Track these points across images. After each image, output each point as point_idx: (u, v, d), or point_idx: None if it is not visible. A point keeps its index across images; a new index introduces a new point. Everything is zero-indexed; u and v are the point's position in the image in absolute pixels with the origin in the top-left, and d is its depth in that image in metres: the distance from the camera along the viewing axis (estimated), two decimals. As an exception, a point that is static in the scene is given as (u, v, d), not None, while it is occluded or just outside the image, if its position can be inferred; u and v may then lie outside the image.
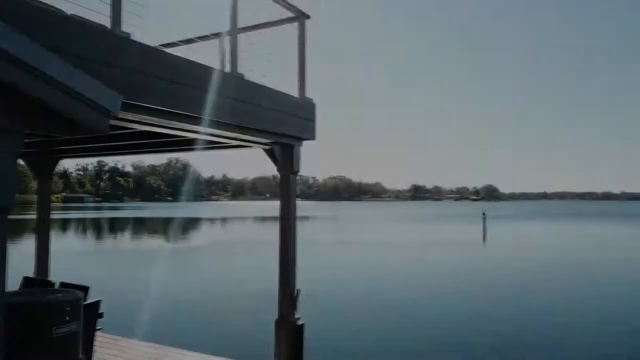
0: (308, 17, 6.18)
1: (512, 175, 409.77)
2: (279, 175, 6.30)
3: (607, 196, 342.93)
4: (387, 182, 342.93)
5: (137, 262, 22.11)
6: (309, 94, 6.30)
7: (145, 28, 4.32)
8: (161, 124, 4.61)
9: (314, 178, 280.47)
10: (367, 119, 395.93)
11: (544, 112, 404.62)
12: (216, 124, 4.82)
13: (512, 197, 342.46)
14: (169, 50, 5.14)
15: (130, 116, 4.11)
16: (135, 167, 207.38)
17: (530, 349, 9.39)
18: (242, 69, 5.31)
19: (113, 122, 4.30)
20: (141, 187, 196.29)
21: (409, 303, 13.44)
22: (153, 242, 32.20)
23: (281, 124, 5.64)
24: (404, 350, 9.23)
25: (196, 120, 4.64)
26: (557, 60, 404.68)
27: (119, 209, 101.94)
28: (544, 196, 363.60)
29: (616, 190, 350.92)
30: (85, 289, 5.25)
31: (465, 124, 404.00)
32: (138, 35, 4.03)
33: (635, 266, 21.64)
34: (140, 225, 53.10)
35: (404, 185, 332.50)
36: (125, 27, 3.88)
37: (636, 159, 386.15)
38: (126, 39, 3.83)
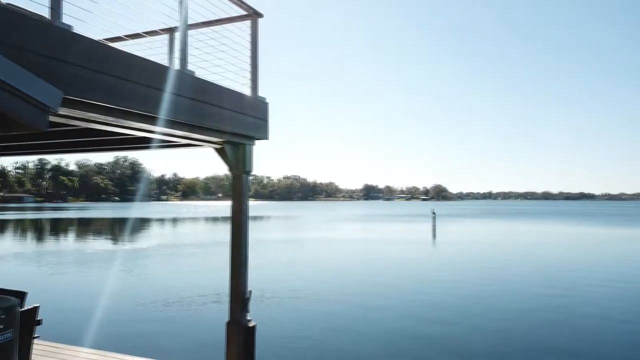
0: (261, 15, 6.13)
1: (459, 175, 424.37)
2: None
3: (546, 196, 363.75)
4: (341, 182, 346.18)
5: (79, 265, 21.15)
6: (262, 93, 6.25)
7: (89, 21, 4.14)
8: (108, 122, 4.43)
9: (268, 178, 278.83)
10: (321, 119, 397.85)
11: (491, 115, 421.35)
12: (165, 123, 4.69)
13: (460, 196, 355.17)
14: (114, 45, 4.95)
15: (74, 113, 3.93)
16: (80, 165, 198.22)
17: (479, 340, 9.75)
18: (192, 66, 5.19)
19: (55, 119, 4.10)
20: (86, 187, 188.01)
21: (360, 302, 13.60)
22: (96, 244, 30.93)
23: (232, 123, 5.56)
24: (355, 350, 9.34)
25: (144, 119, 4.49)
26: (509, 61, 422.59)
27: (61, 209, 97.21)
28: (490, 195, 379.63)
29: (555, 190, 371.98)
30: (21, 295, 4.96)
31: (415, 125, 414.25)
32: (81, 28, 3.86)
33: (569, 261, 22.95)
34: (84, 226, 50.88)
35: (357, 185, 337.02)
36: (67, 20, 3.70)
37: (572, 162, 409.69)
38: (68, 31, 3.65)
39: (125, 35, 5.47)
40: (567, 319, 11.77)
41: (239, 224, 6.21)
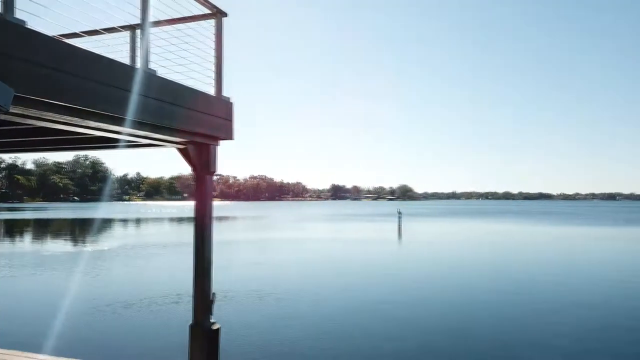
0: (225, 14, 6.07)
1: (425, 176, 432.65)
2: (194, 176, 6.13)
3: (507, 196, 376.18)
4: (308, 182, 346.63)
5: (35, 268, 20.36)
6: (227, 92, 6.19)
7: (44, 16, 4.00)
8: (67, 121, 4.29)
9: (234, 177, 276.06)
10: (289, 119, 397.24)
11: (455, 118, 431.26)
12: (127, 123, 4.58)
13: (425, 196, 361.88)
14: (71, 41, 4.79)
15: (29, 112, 3.79)
16: (37, 164, 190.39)
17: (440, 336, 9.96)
18: (155, 65, 5.09)
19: (7, 117, 3.94)
20: (44, 186, 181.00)
21: (325, 302, 13.66)
22: (54, 246, 29.84)
23: (196, 123, 5.49)
24: (321, 350, 9.37)
25: (104, 118, 4.38)
26: (470, 64, 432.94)
27: (17, 210, 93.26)
28: (453, 195, 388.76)
29: (515, 191, 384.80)
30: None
31: (382, 126, 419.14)
32: (36, 24, 3.72)
33: (523, 258, 23.78)
34: (40, 228, 49.00)
35: (324, 185, 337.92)
36: (20, 15, 3.56)
37: (531, 164, 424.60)
38: (21, 27, 3.51)
39: (83, 32, 5.32)
40: (515, 314, 12.18)
41: (202, 225, 6.14)
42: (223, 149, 6.31)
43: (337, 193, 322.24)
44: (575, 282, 17.15)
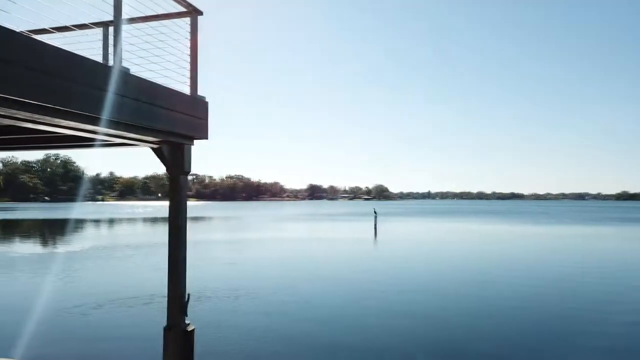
0: (201, 13, 6.02)
1: (400, 176, 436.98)
2: (169, 176, 6.06)
3: (480, 195, 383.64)
4: (286, 182, 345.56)
5: (2, 270, 19.76)
6: (203, 92, 6.14)
7: (11, 11, 3.89)
8: (36, 120, 4.19)
9: (210, 177, 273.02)
10: (266, 119, 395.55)
11: (429, 118, 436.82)
12: (100, 122, 4.50)
13: (400, 196, 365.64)
14: (39, 37, 4.67)
15: (-3, 109, 3.68)
16: (5, 163, 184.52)
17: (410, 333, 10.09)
18: (128, 63, 5.01)
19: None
20: (12, 186, 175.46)
21: (300, 303, 13.66)
22: (23, 247, 29.01)
23: (170, 122, 5.42)
24: (297, 351, 9.38)
25: (76, 117, 4.29)
26: (447, 62, 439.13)
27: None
28: (428, 195, 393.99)
29: (488, 190, 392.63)
30: None
31: (358, 126, 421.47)
32: (3, 20, 3.62)
33: (493, 257, 24.33)
34: (8, 228, 47.52)
35: (301, 185, 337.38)
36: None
37: (504, 165, 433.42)
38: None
39: (53, 28, 5.19)
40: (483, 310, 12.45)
41: (177, 225, 6.07)
42: (199, 148, 6.27)
43: (314, 193, 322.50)
44: (535, 281, 17.61)
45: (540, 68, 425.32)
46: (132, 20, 5.44)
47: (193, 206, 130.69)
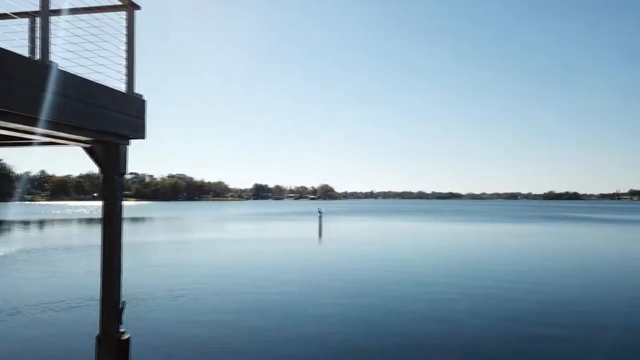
0: (138, 7, 5.79)
1: (344, 176, 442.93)
2: (102, 176, 5.78)
3: (421, 195, 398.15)
4: (231, 182, 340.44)
5: None
6: (140, 89, 5.91)
7: None
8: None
9: (150, 176, 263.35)
10: (211, 117, 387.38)
11: (372, 120, 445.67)
12: (21, 118, 4.20)
13: (345, 196, 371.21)
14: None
15: None
16: None
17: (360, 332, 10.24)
18: (56, 57, 4.72)
19: None
20: None
21: (241, 303, 13.48)
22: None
23: (103, 120, 5.17)
24: (235, 355, 9.25)
25: (-5, 113, 3.98)
26: (395, 64, 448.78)
27: None
28: (371, 195, 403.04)
29: (428, 190, 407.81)
30: None
31: (304, 125, 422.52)
32: None
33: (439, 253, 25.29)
34: None
35: (246, 184, 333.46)
36: None
37: (442, 165, 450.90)
38: None
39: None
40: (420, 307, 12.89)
41: (111, 228, 5.81)
42: (140, 147, 6.02)
43: (260, 193, 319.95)
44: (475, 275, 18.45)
45: (476, 71, 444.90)
46: (63, 11, 5.14)
47: (132, 206, 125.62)
